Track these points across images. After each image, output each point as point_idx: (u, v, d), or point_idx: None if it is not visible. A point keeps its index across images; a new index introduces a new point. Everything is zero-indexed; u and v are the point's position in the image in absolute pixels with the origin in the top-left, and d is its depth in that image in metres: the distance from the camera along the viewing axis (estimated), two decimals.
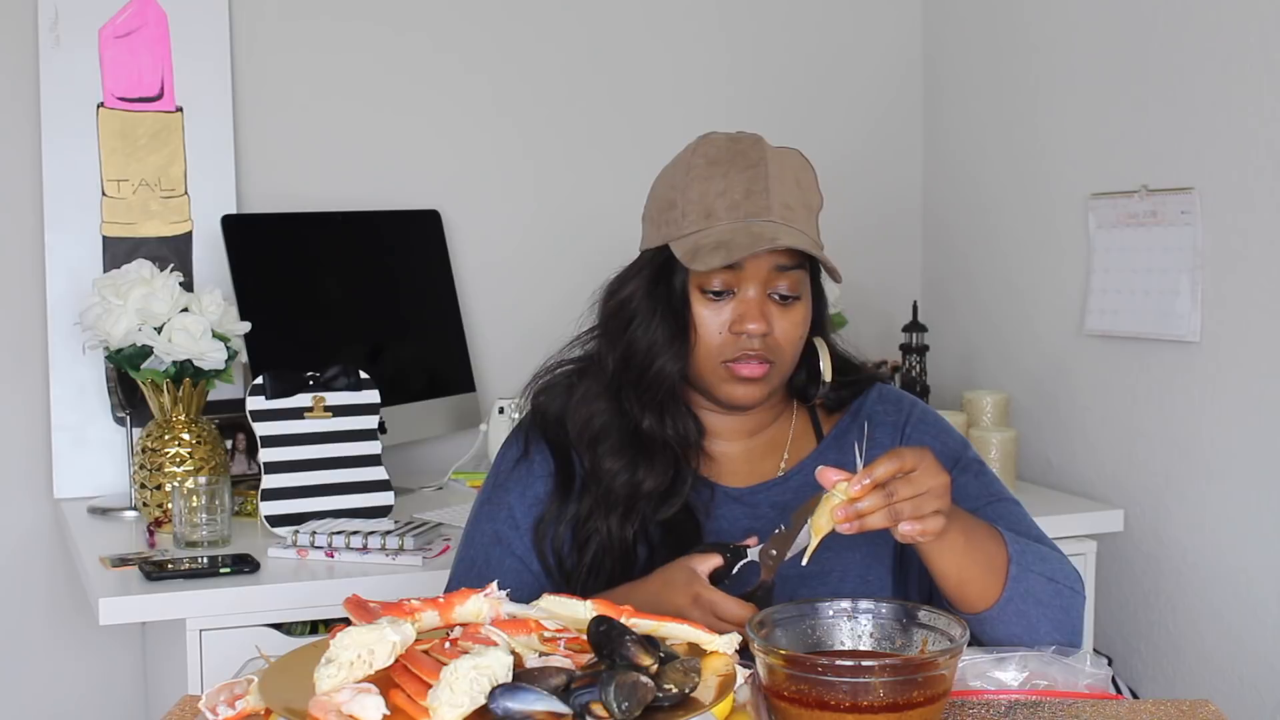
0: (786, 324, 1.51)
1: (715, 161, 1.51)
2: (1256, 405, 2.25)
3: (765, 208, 1.48)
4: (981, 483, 1.59)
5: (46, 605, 2.61)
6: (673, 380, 1.53)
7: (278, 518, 2.22)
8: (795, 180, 1.52)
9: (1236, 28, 2.25)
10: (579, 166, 2.89)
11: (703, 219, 1.49)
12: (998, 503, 1.57)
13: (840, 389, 1.62)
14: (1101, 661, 1.39)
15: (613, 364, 1.55)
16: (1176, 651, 2.44)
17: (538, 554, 1.56)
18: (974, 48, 2.94)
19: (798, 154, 1.56)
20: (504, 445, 1.65)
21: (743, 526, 1.56)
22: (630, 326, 1.53)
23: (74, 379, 2.54)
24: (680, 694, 1.10)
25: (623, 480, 1.53)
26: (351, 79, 2.75)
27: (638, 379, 1.53)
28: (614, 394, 1.55)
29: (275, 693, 1.13)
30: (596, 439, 1.55)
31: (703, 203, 1.49)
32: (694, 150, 1.54)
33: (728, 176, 1.49)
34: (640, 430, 1.54)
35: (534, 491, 1.59)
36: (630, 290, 1.54)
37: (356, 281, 2.63)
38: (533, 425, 1.62)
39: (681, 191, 1.51)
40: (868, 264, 3.05)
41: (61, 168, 2.54)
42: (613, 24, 2.91)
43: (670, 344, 1.51)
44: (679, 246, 1.49)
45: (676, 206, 1.51)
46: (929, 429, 1.62)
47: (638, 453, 1.53)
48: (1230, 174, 2.27)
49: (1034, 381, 2.76)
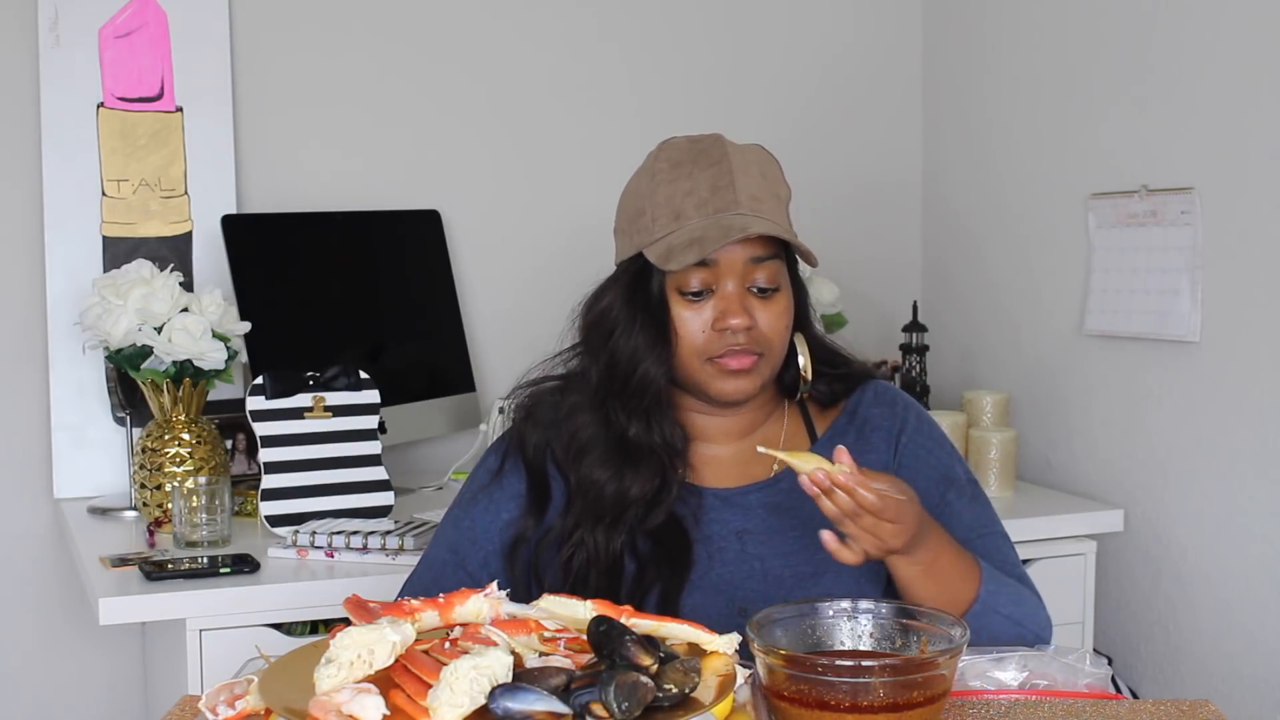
0: (769, 315, 1.51)
1: (678, 163, 1.51)
2: (1256, 405, 2.25)
3: (733, 201, 1.49)
4: (974, 511, 1.59)
5: (46, 605, 2.61)
6: (658, 385, 1.53)
7: (278, 518, 2.22)
8: (760, 173, 1.53)
9: (1236, 28, 2.25)
10: (579, 167, 2.89)
11: (672, 220, 1.49)
12: (988, 536, 1.58)
13: (833, 382, 1.62)
14: (1101, 661, 1.39)
15: (597, 375, 1.55)
16: (1176, 651, 2.44)
17: (507, 573, 1.56)
18: (974, 47, 2.94)
19: (760, 148, 1.57)
20: (486, 454, 1.66)
21: (734, 528, 1.56)
22: (612, 337, 1.54)
23: (74, 379, 2.54)
24: (680, 694, 1.10)
25: (611, 489, 1.53)
26: (351, 79, 2.75)
27: (623, 387, 1.53)
28: (599, 405, 1.56)
29: (275, 693, 1.13)
30: (583, 451, 1.55)
31: (670, 205, 1.50)
32: (655, 156, 1.55)
33: (692, 176, 1.50)
34: (627, 438, 1.54)
35: (502, 517, 1.59)
36: (608, 301, 1.55)
37: (356, 281, 2.63)
38: (511, 443, 1.62)
39: (648, 198, 1.52)
40: (868, 264, 3.06)
41: (61, 168, 2.54)
42: (613, 24, 2.91)
43: (652, 349, 1.51)
44: (652, 251, 1.50)
45: (645, 213, 1.52)
46: (924, 442, 1.61)
47: (624, 460, 1.54)
48: (1230, 174, 2.27)
49: (1034, 381, 2.76)
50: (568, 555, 1.54)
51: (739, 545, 1.55)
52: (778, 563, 1.54)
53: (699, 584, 1.53)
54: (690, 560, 1.53)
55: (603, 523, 1.52)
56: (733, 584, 1.53)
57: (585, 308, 1.59)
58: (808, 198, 2.90)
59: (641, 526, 1.53)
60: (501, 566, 1.57)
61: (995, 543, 1.58)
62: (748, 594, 1.51)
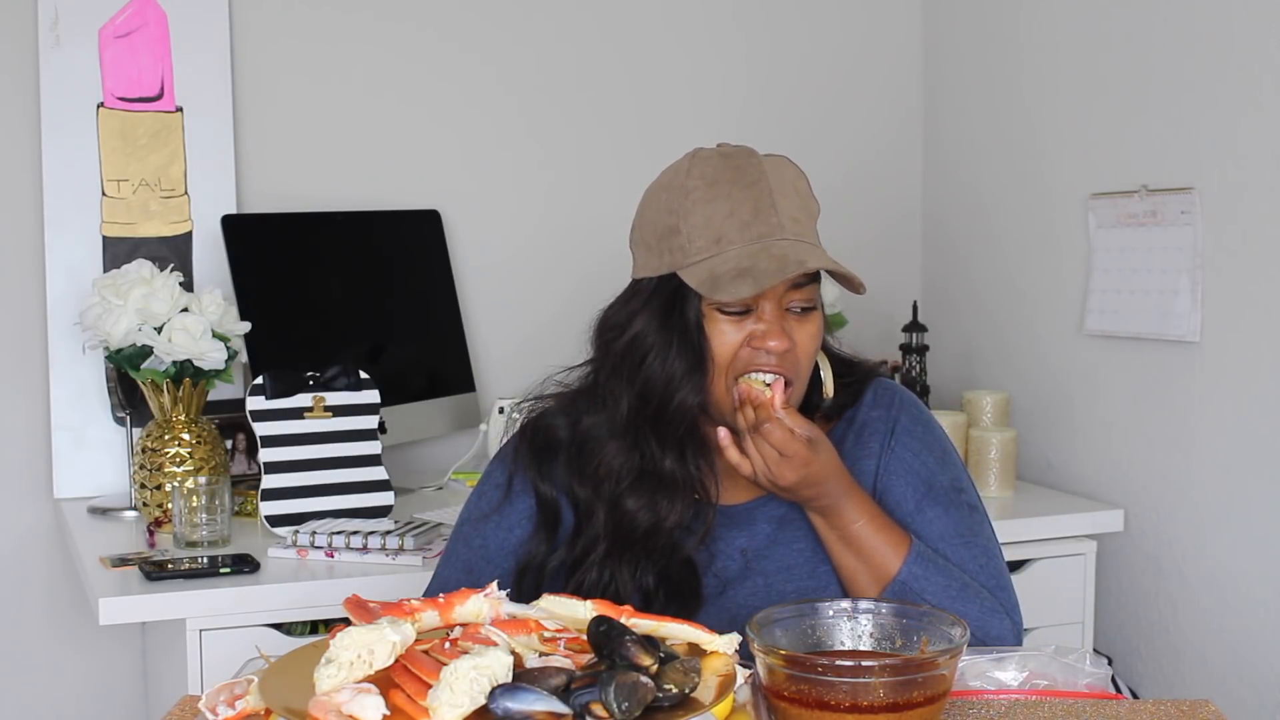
0: (804, 336, 1.49)
1: (714, 182, 1.46)
2: (1256, 405, 2.25)
3: (777, 225, 1.45)
4: (950, 520, 1.55)
5: (46, 605, 2.61)
6: (694, 414, 1.49)
7: (278, 518, 2.22)
8: (794, 190, 1.50)
9: (1236, 28, 2.25)
10: (579, 167, 2.88)
11: (713, 244, 1.45)
12: (963, 546, 1.54)
13: (842, 394, 1.60)
14: (1101, 661, 1.39)
15: (627, 404, 1.50)
16: (1176, 651, 2.44)
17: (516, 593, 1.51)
18: (974, 48, 2.94)
19: (788, 161, 1.53)
20: (491, 466, 1.63)
21: (738, 546, 1.55)
22: (645, 363, 1.48)
23: (74, 379, 2.54)
24: (680, 694, 1.10)
25: (644, 519, 1.49)
26: (352, 78, 2.75)
27: (657, 416, 1.49)
28: (626, 433, 1.51)
29: (275, 693, 1.13)
30: (613, 480, 1.51)
31: (709, 227, 1.45)
32: (688, 172, 1.48)
33: (731, 197, 1.45)
34: (660, 469, 1.50)
35: (515, 535, 1.57)
36: (641, 326, 1.49)
37: (356, 281, 2.63)
38: (520, 462, 1.58)
39: (683, 217, 1.46)
40: (868, 264, 3.00)
41: (61, 168, 2.54)
42: (613, 25, 2.91)
43: (689, 376, 1.46)
44: (691, 275, 1.45)
45: (680, 233, 1.46)
46: (910, 444, 1.58)
47: (657, 490, 1.49)
48: (1230, 174, 2.27)
49: (1034, 381, 2.76)
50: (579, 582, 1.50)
51: (742, 563, 1.54)
52: (780, 577, 1.53)
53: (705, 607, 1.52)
54: (700, 596, 1.51)
55: (632, 552, 1.49)
56: (736, 601, 1.52)
57: (608, 327, 1.53)
58: None
59: (677, 555, 1.50)
60: (512, 586, 1.54)
61: (972, 552, 1.54)
62: (751, 614, 1.50)
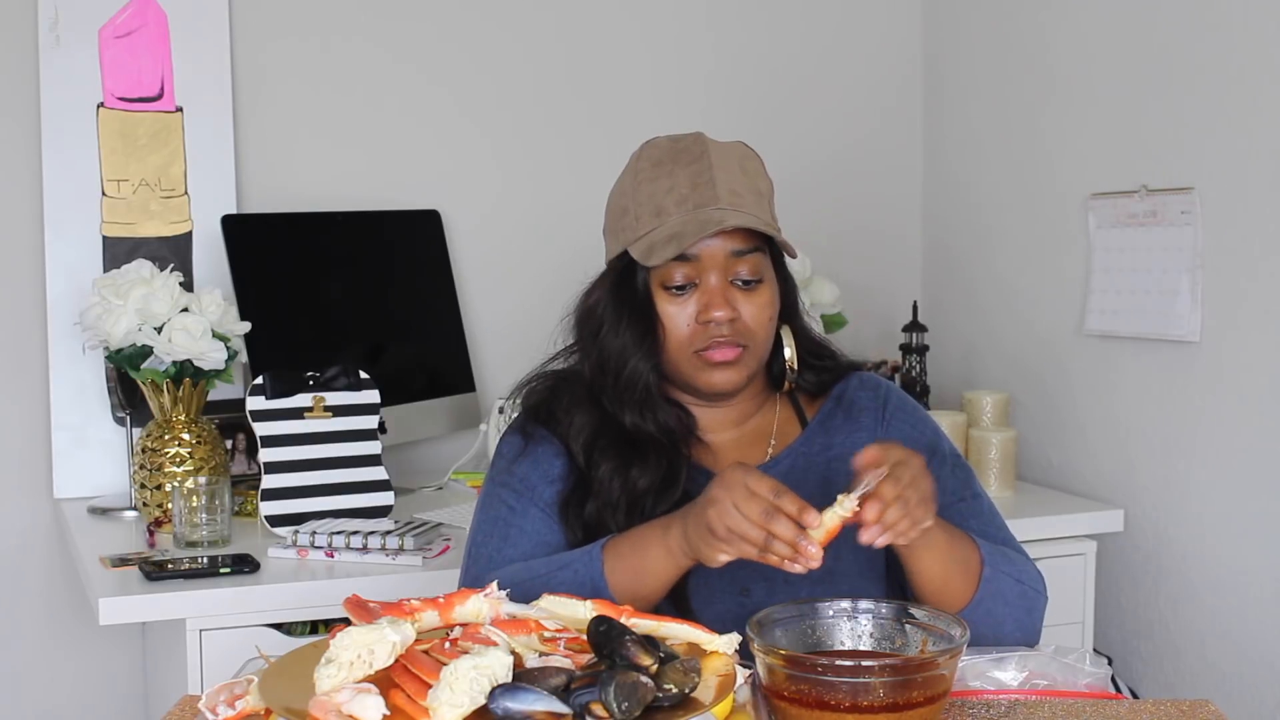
0: (753, 307, 1.54)
1: (659, 162, 1.55)
2: (1256, 405, 2.25)
3: (712, 196, 1.52)
4: (958, 478, 1.61)
5: (46, 605, 2.61)
6: (646, 378, 1.56)
7: (278, 518, 2.22)
8: (740, 168, 1.56)
9: (1236, 28, 2.25)
10: (579, 167, 2.88)
11: (654, 218, 1.53)
12: (972, 499, 1.60)
13: (821, 373, 1.65)
14: (1101, 661, 1.39)
15: (589, 371, 1.59)
16: (1176, 651, 2.44)
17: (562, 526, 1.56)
18: (974, 48, 2.94)
19: (742, 144, 1.60)
20: (502, 441, 1.66)
21: None
22: (600, 333, 1.57)
23: (74, 379, 2.54)
24: (680, 694, 1.10)
25: (618, 482, 1.55)
26: (352, 79, 2.75)
27: (614, 382, 1.56)
28: (594, 400, 1.58)
29: (275, 693, 1.13)
30: (587, 447, 1.58)
31: (652, 202, 1.54)
32: (638, 157, 1.59)
33: (673, 174, 1.54)
34: (626, 430, 1.56)
35: (554, 469, 1.59)
36: (596, 298, 1.59)
37: (356, 281, 2.63)
38: (525, 423, 1.63)
39: (631, 197, 1.56)
40: (868, 264, 3.06)
41: (61, 168, 2.54)
42: (614, 25, 2.91)
43: (640, 344, 1.55)
44: (636, 248, 1.54)
45: (629, 212, 1.56)
46: (908, 416, 1.65)
47: (629, 452, 1.56)
48: (1230, 174, 2.27)
49: (1034, 381, 2.76)
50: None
51: None
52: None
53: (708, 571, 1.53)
54: None
55: (619, 511, 1.54)
56: (734, 564, 1.54)
57: (577, 306, 1.63)
58: (808, 198, 2.93)
59: (657, 510, 1.53)
60: (557, 516, 1.57)
61: (980, 505, 1.60)
62: (749, 574, 1.52)
